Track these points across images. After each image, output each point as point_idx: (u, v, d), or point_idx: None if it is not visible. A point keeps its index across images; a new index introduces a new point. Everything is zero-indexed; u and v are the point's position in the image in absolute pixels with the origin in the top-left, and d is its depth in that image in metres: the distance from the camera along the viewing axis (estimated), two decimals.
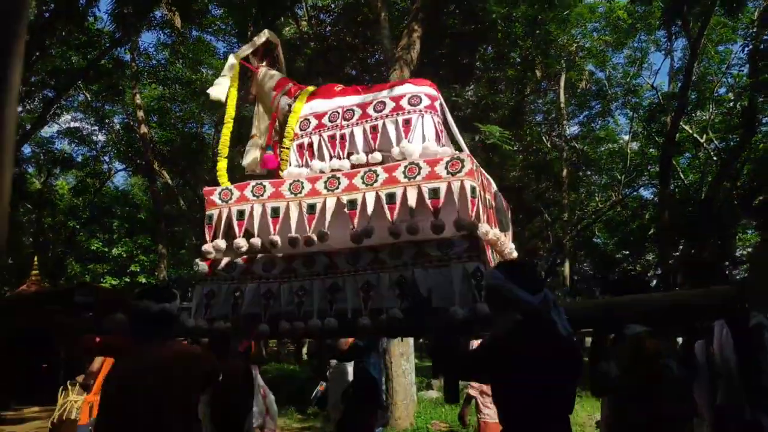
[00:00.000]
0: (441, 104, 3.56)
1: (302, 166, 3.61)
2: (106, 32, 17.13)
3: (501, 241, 3.33)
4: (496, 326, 2.43)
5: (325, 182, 3.26)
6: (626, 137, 21.05)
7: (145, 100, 19.88)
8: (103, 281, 22.03)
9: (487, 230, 3.02)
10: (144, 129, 18.02)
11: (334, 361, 5.52)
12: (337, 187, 3.21)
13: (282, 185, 3.37)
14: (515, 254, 3.63)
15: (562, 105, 17.83)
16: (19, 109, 20.16)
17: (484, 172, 3.36)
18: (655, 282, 25.30)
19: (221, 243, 3.39)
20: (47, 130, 24.63)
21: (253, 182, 3.47)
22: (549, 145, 18.10)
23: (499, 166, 11.84)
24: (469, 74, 12.06)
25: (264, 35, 4.33)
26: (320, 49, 13.65)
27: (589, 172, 22.07)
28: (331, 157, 3.53)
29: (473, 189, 2.92)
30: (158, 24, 16.59)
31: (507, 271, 2.32)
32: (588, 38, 16.49)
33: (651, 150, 20.06)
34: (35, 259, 13.57)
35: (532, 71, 12.45)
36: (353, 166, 3.38)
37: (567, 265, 19.91)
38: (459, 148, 3.60)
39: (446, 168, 2.99)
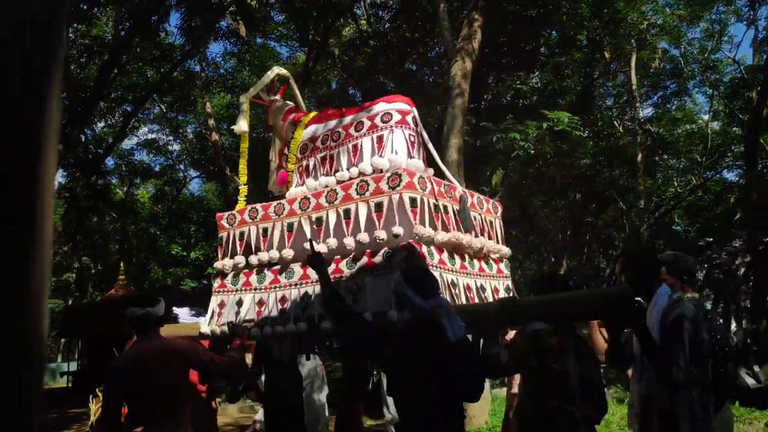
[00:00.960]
0: (414, 117, 3.87)
1: (301, 185, 4.13)
2: (177, 46, 17.91)
3: (465, 241, 3.55)
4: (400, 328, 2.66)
5: (300, 203, 3.77)
6: (706, 117, 19.78)
7: (215, 109, 20.63)
8: (183, 284, 23.11)
9: (430, 234, 3.25)
10: (215, 136, 18.70)
11: None
12: (308, 207, 3.71)
13: (269, 208, 3.91)
14: (495, 248, 3.89)
15: (634, 86, 16.94)
16: (101, 124, 21.51)
17: (437, 179, 3.62)
18: (743, 270, 23.67)
19: (228, 262, 4.01)
20: (127, 143, 26.07)
21: (249, 207, 4.09)
22: (621, 130, 17.25)
23: (569, 153, 11.39)
24: (534, 60, 11.67)
25: (273, 72, 4.84)
26: (380, 47, 13.66)
27: (665, 156, 20.87)
28: (322, 176, 3.98)
29: (413, 200, 3.26)
30: (224, 34, 17.13)
31: (408, 277, 2.50)
32: (660, 14, 15.56)
33: (734, 129, 18.71)
34: (121, 264, 14.41)
35: (601, 53, 11.88)
36: (338, 182, 3.74)
37: None
38: (434, 159, 3.99)
39: (387, 183, 3.35)
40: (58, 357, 26.23)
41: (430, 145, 3.94)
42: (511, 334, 3.42)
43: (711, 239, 23.61)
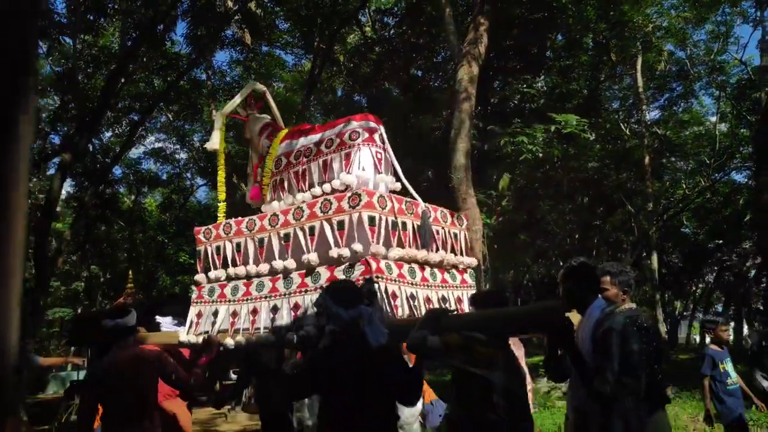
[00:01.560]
0: (381, 135, 4.12)
1: (275, 200, 4.40)
2: (183, 55, 17.99)
3: (420, 256, 3.82)
4: (323, 339, 2.79)
5: (269, 219, 4.03)
6: (713, 119, 19.62)
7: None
8: (191, 292, 23.10)
9: (385, 252, 3.53)
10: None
11: None
12: (277, 223, 3.96)
13: (242, 223, 4.19)
14: (456, 260, 4.12)
15: (640, 89, 16.84)
16: (108, 134, 21.61)
17: (398, 197, 3.86)
18: (753, 272, 23.41)
19: (202, 276, 4.32)
20: (135, 152, 26.23)
21: (223, 222, 4.36)
22: (628, 133, 17.13)
23: (576, 156, 11.32)
24: (540, 63, 11.62)
25: (249, 88, 5.09)
26: (385, 53, 13.66)
27: (673, 159, 20.72)
28: (297, 191, 4.26)
29: (371, 219, 3.52)
30: (230, 42, 17.22)
31: (331, 291, 2.71)
32: (665, 16, 15.48)
33: (742, 130, 18.55)
34: (129, 273, 14.39)
35: (607, 55, 11.82)
36: (314, 197, 4.00)
37: (654, 257, 18.75)
38: (398, 175, 4.18)
39: (348, 202, 3.60)
40: (68, 366, 26.24)
41: (396, 163, 4.17)
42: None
43: (720, 241, 23.41)
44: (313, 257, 3.67)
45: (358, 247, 3.51)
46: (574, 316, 2.94)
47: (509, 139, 9.25)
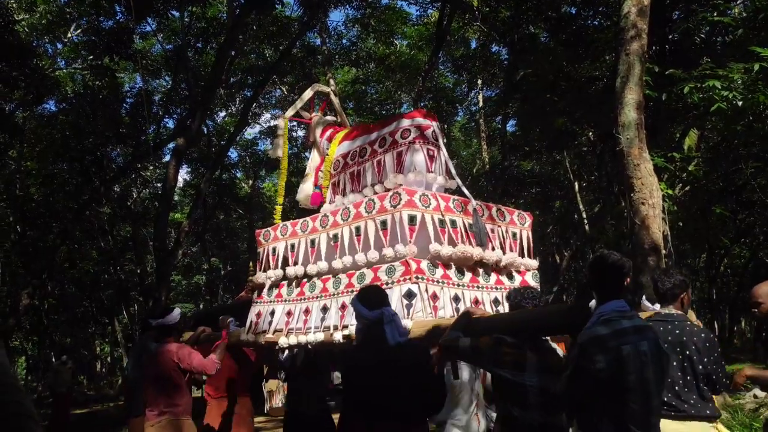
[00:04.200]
0: (434, 132, 4.65)
1: (332, 201, 5.08)
2: (294, 18, 18.79)
3: (476, 254, 4.23)
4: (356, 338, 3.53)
5: (320, 220, 4.65)
6: None
7: (340, 86, 21.37)
8: None
9: (414, 251, 3.99)
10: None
11: None
12: (327, 224, 4.57)
13: (296, 225, 4.85)
14: (515, 262, 4.59)
15: None
16: (222, 113, 23.29)
17: (443, 195, 4.36)
18: None
19: (264, 275, 4.93)
20: (250, 132, 27.98)
21: (281, 224, 5.06)
22: None
23: None
24: None
25: (312, 90, 5.77)
26: None
27: None
28: (351, 192, 4.90)
29: (411, 218, 4.02)
30: None
31: (359, 293, 3.36)
32: None
33: None
34: (250, 264, 15.54)
35: None
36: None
37: None
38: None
39: (390, 201, 4.10)
40: None
41: (449, 161, 4.73)
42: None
43: None
44: (359, 258, 4.22)
45: (400, 247, 3.98)
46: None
47: (696, 84, 8.46)
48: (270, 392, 11.19)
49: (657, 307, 3.91)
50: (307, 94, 5.77)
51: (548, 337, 3.42)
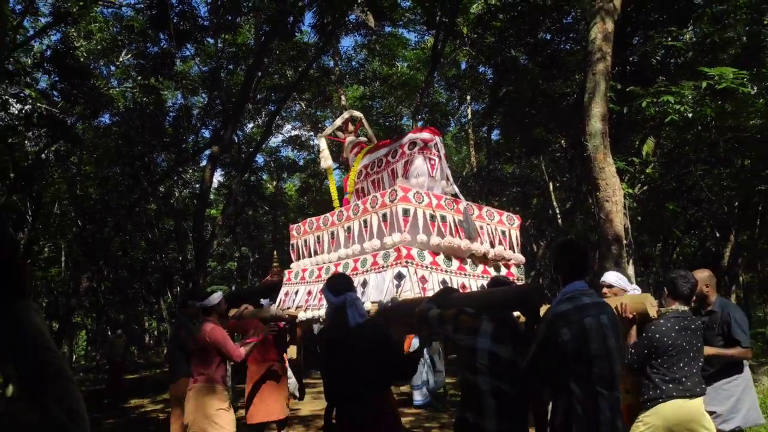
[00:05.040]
0: (436, 144, 4.73)
1: None
2: (311, 44, 18.74)
3: (463, 245, 4.31)
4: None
5: (337, 216, 4.78)
6: None
7: (350, 101, 21.30)
8: None
9: (407, 239, 4.07)
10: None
11: None
12: (343, 218, 4.70)
13: (320, 220, 4.99)
14: (505, 254, 4.63)
15: None
16: (250, 125, 23.26)
17: (437, 195, 4.41)
18: None
19: (297, 264, 5.11)
20: (274, 141, 27.99)
21: (309, 219, 5.19)
22: None
23: (734, 115, 9.98)
24: (688, 12, 10.33)
25: (345, 115, 5.87)
26: (510, 19, 13.05)
27: None
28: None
29: (405, 211, 4.11)
30: (354, 26, 17.58)
31: (327, 281, 3.28)
32: None
33: None
34: (274, 253, 15.56)
35: None
36: None
37: None
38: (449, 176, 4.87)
39: (389, 197, 4.20)
40: None
41: (447, 169, 4.87)
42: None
43: None
44: (366, 245, 4.34)
45: (396, 236, 4.09)
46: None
47: (652, 99, 8.37)
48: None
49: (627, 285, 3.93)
50: (342, 117, 5.87)
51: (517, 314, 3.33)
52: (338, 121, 5.82)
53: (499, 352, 2.67)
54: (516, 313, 3.24)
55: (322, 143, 5.75)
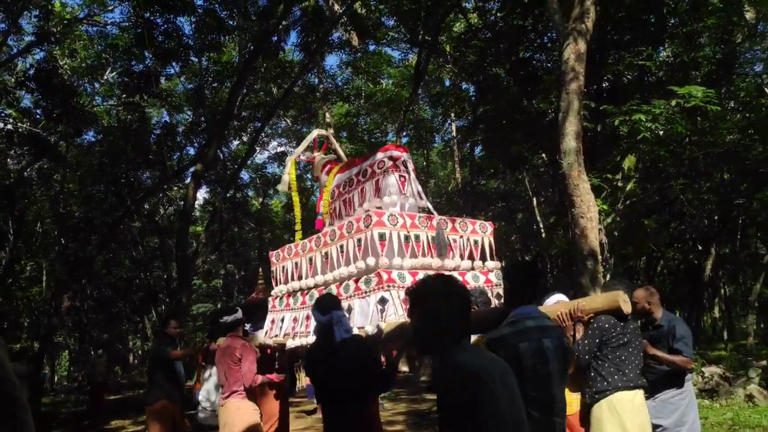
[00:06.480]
0: (404, 162, 4.73)
1: (332, 225, 5.09)
2: (296, 62, 18.99)
3: (434, 264, 4.33)
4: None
5: (315, 241, 4.78)
6: None
7: (335, 118, 21.54)
8: None
9: (385, 264, 4.07)
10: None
11: None
12: (320, 244, 4.72)
13: (299, 246, 4.99)
14: (474, 265, 4.62)
15: None
16: (236, 142, 23.39)
17: (410, 214, 4.43)
18: None
19: (277, 289, 5.11)
20: (260, 157, 28.10)
21: (288, 246, 5.20)
22: None
23: (709, 131, 10.31)
24: (660, 32, 10.68)
25: (313, 134, 5.91)
26: (490, 39, 13.38)
27: None
28: (345, 216, 5.05)
29: (381, 235, 4.10)
30: (338, 45, 17.88)
31: (316, 301, 3.48)
32: None
33: None
34: (260, 270, 15.61)
35: (739, 15, 10.59)
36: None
37: None
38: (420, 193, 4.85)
39: (363, 222, 4.20)
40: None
41: (417, 185, 4.84)
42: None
43: None
44: (343, 271, 4.36)
45: (370, 261, 4.10)
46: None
47: (624, 118, 8.63)
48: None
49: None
50: (309, 138, 5.89)
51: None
52: (306, 142, 5.89)
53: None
54: None
55: (289, 165, 5.84)
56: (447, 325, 2.06)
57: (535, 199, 18.79)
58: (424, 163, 25.16)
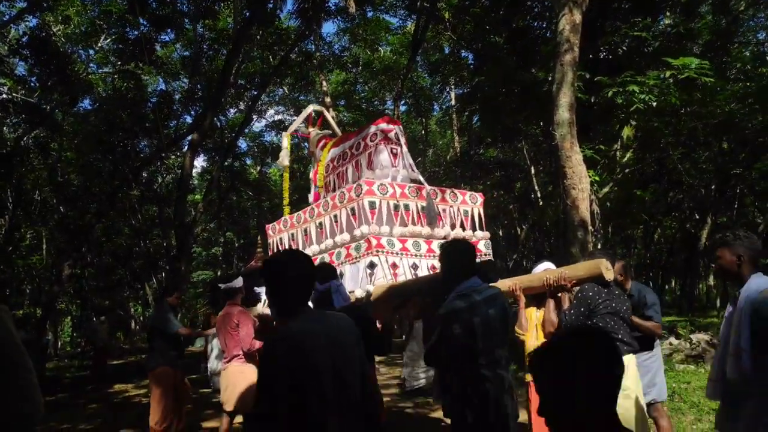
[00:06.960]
0: (396, 134, 4.91)
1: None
2: (292, 29, 18.80)
3: (427, 232, 4.54)
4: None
5: (309, 212, 4.97)
6: None
7: (332, 86, 21.41)
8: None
9: (376, 231, 4.27)
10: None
11: None
12: (314, 215, 4.85)
13: (293, 218, 5.21)
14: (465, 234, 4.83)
15: None
16: (233, 110, 23.32)
17: (400, 184, 4.60)
18: None
19: None
20: (257, 125, 28.00)
21: (283, 218, 5.45)
22: None
23: (704, 101, 10.32)
24: (659, 2, 10.57)
25: (308, 110, 6.12)
26: (488, 6, 13.24)
27: None
28: (339, 189, 5.07)
29: (371, 203, 4.32)
30: (335, 12, 17.66)
31: (317, 268, 3.37)
32: None
33: None
34: (258, 238, 15.81)
35: None
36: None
37: None
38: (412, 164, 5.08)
39: (355, 192, 4.39)
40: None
41: (409, 158, 5.00)
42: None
43: None
44: (337, 239, 4.54)
45: (364, 228, 4.27)
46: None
47: (618, 89, 8.65)
48: None
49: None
50: (304, 113, 6.08)
51: None
52: (301, 118, 6.09)
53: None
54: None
55: (285, 141, 6.04)
56: (290, 291, 2.19)
57: (533, 168, 18.83)
58: (423, 132, 25.09)
